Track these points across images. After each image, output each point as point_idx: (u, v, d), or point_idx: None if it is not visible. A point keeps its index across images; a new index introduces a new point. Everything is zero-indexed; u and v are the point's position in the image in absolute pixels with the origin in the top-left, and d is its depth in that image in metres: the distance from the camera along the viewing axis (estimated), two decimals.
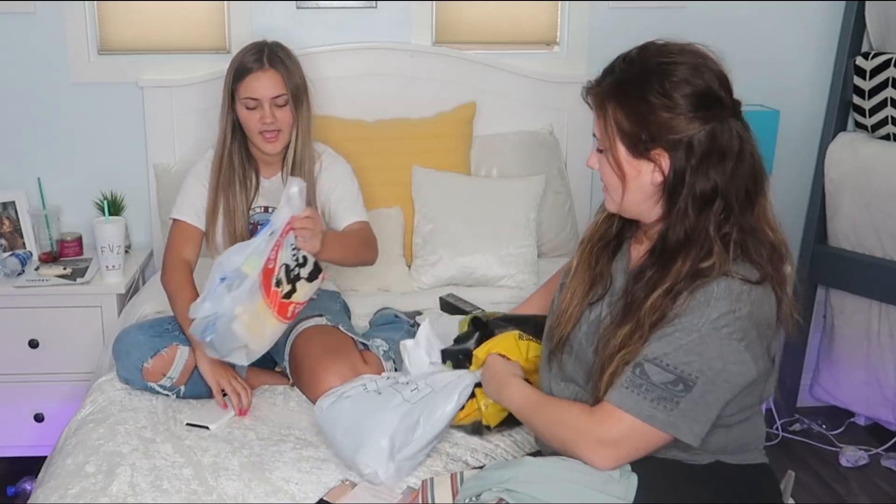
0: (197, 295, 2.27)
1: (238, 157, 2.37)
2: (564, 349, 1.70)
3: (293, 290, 1.99)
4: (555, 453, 1.64)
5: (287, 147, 2.36)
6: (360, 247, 2.33)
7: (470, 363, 1.92)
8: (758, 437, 1.67)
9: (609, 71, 1.58)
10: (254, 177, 2.40)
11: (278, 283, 1.96)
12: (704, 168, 1.51)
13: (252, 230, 2.37)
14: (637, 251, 1.68)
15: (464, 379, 1.88)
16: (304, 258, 2.01)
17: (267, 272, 1.93)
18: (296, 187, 1.97)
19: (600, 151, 1.60)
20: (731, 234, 1.52)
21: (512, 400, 1.75)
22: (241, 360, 2.03)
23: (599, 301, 1.67)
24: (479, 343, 1.94)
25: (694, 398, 1.48)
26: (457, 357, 1.96)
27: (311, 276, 2.04)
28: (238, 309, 1.93)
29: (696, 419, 1.49)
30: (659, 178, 1.54)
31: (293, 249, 1.99)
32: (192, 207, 2.38)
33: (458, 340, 2.00)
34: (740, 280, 1.50)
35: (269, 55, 2.31)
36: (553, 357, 1.73)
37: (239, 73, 2.31)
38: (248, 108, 2.30)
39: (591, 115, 1.61)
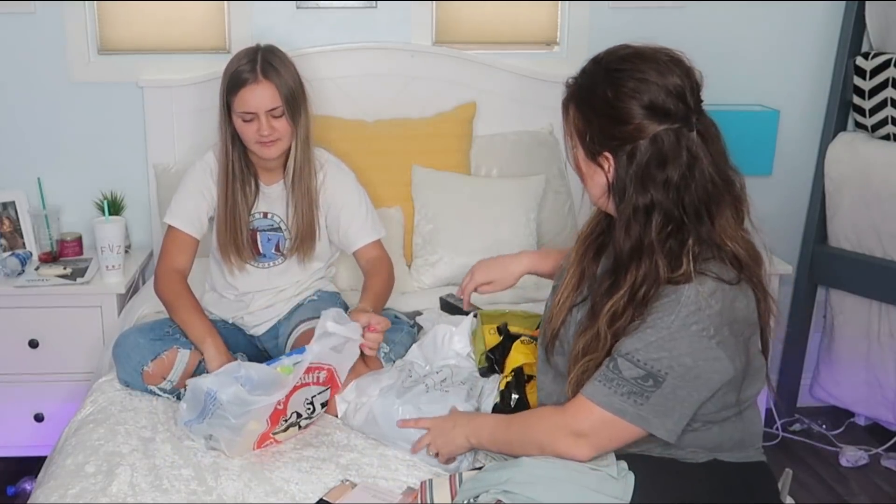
0: (195, 300, 2.27)
1: (238, 164, 2.32)
2: (556, 348, 1.72)
3: (283, 431, 1.96)
4: None
5: (286, 153, 2.32)
6: (389, 287, 2.36)
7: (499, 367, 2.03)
8: (754, 434, 1.67)
9: (578, 74, 1.63)
10: (253, 183, 2.35)
11: (281, 425, 1.93)
12: (643, 181, 1.51)
13: (252, 236, 2.36)
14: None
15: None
16: (313, 409, 1.99)
17: (276, 412, 1.90)
18: (331, 322, 1.96)
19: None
20: (687, 245, 1.51)
21: (482, 431, 1.77)
22: (203, 443, 1.95)
23: (584, 301, 1.68)
24: (504, 350, 2.03)
25: (664, 393, 1.50)
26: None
27: (307, 421, 2.01)
28: (251, 424, 1.88)
29: (667, 414, 1.52)
30: (605, 181, 1.59)
31: (308, 403, 1.96)
32: (187, 214, 2.33)
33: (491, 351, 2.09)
34: (713, 278, 1.51)
35: (262, 65, 2.22)
36: (548, 355, 1.75)
37: (233, 85, 2.24)
38: (244, 121, 2.24)
39: None
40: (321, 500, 1.75)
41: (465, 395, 1.97)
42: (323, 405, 2.01)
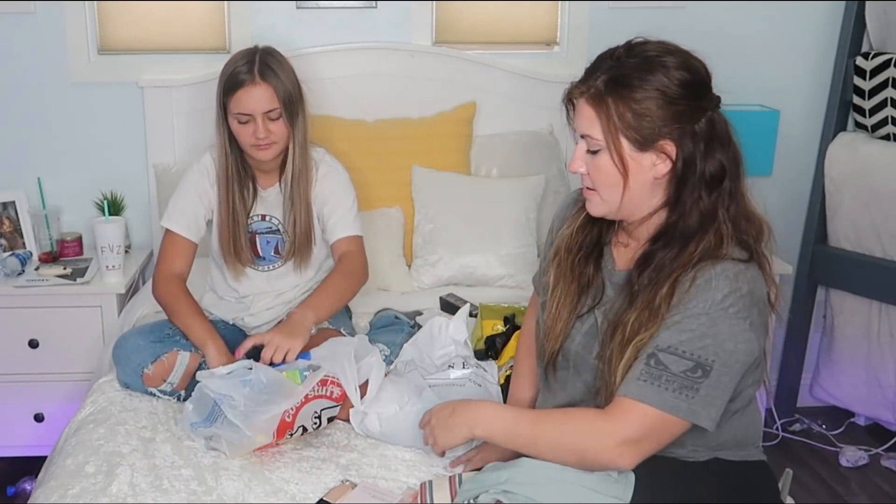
0: (195, 303, 2.27)
1: (236, 166, 2.30)
2: (559, 365, 1.69)
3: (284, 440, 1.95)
4: None
5: (282, 155, 2.30)
6: (343, 288, 2.28)
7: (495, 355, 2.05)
8: (755, 432, 1.67)
9: (597, 69, 1.57)
10: (251, 185, 2.34)
11: (286, 439, 1.92)
12: (711, 151, 1.55)
13: (251, 239, 2.36)
14: (621, 254, 1.67)
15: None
16: (319, 423, 1.97)
17: (283, 424, 1.88)
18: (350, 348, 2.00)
19: (593, 152, 1.58)
20: (732, 214, 1.56)
21: (495, 421, 1.64)
22: (203, 443, 1.95)
23: (590, 312, 1.65)
24: (506, 339, 1.99)
25: (712, 383, 1.48)
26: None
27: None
28: (256, 435, 1.87)
29: (713, 404, 1.50)
30: (663, 169, 1.55)
31: (315, 416, 1.94)
32: (184, 218, 2.32)
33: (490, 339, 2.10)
34: (733, 261, 1.52)
35: (260, 67, 2.20)
36: (548, 374, 1.72)
37: (229, 86, 2.21)
38: (240, 123, 2.22)
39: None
40: (321, 500, 1.74)
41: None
42: (330, 420, 1.99)
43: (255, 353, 2.13)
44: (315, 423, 1.95)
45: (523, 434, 1.61)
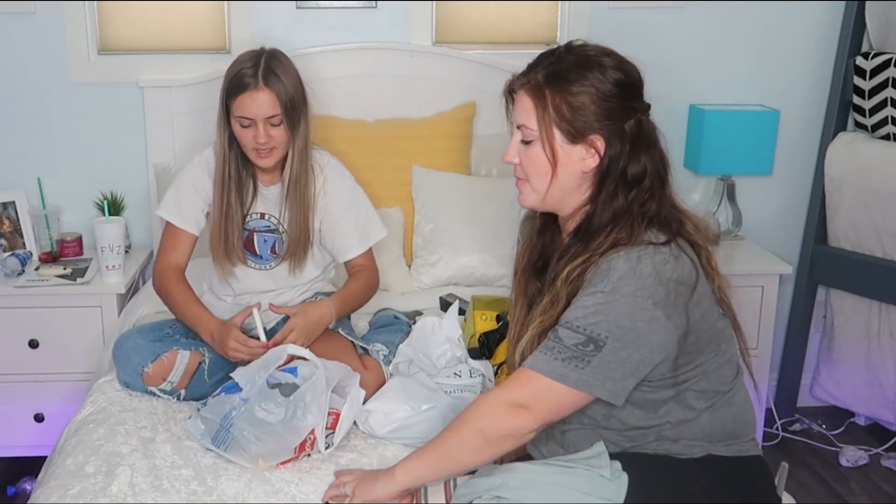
0: (192, 292, 2.27)
1: (236, 165, 2.30)
2: None
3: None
4: (545, 458, 1.66)
5: (284, 159, 2.30)
6: (362, 291, 2.38)
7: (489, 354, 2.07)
8: (746, 422, 1.68)
9: (538, 64, 1.67)
10: (251, 183, 2.34)
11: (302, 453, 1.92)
12: (636, 153, 1.62)
13: (248, 237, 2.36)
14: None
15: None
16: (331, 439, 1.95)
17: (301, 445, 1.89)
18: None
19: (526, 143, 1.65)
20: (650, 212, 1.61)
21: (410, 462, 1.65)
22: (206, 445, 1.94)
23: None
24: (499, 338, 2.05)
25: (605, 356, 1.53)
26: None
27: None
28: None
29: (608, 376, 1.53)
30: (592, 163, 1.62)
31: (328, 436, 1.93)
32: (183, 210, 2.32)
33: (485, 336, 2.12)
34: (642, 244, 1.56)
35: (264, 71, 2.19)
36: None
37: (233, 88, 2.21)
38: (242, 126, 2.22)
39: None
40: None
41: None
42: (327, 447, 1.94)
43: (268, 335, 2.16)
44: (326, 443, 1.95)
45: (434, 455, 1.63)
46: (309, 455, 1.92)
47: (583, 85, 1.60)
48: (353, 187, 2.41)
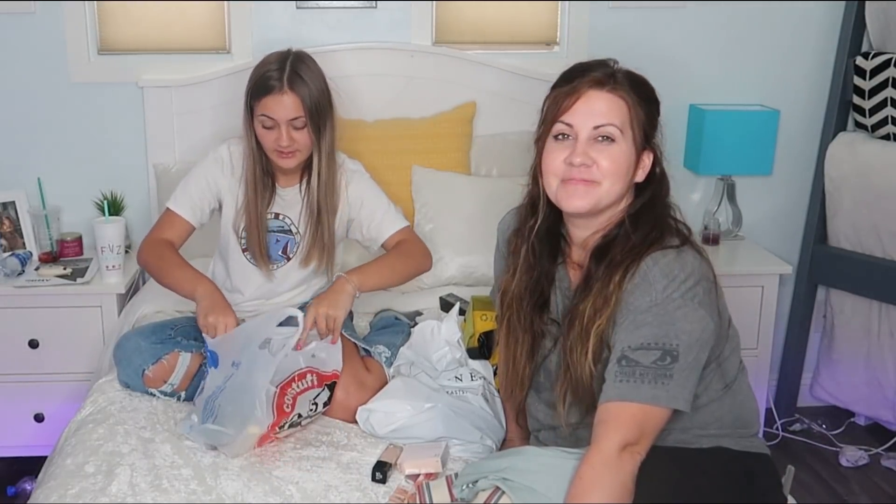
0: (182, 258, 2.26)
1: (260, 166, 2.29)
2: (528, 404, 1.80)
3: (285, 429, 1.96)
4: (556, 444, 1.67)
5: (305, 161, 2.29)
6: (400, 266, 2.31)
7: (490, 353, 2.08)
8: (751, 410, 1.71)
9: (601, 67, 1.67)
10: (270, 183, 2.33)
11: (282, 426, 1.94)
12: (663, 165, 1.72)
13: None
14: (577, 274, 1.72)
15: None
16: (316, 408, 1.99)
17: (281, 413, 1.90)
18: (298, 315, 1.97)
19: (607, 140, 1.63)
20: (666, 213, 1.69)
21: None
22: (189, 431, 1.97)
23: (549, 355, 1.73)
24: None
25: (681, 365, 1.53)
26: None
27: (308, 420, 2.01)
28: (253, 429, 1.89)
29: (685, 385, 1.54)
30: (642, 174, 1.68)
31: (312, 403, 1.96)
32: (191, 203, 2.32)
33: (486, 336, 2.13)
34: (663, 249, 1.59)
35: (290, 75, 2.18)
36: (520, 414, 1.84)
37: (258, 89, 2.21)
38: (264, 127, 2.21)
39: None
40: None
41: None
42: (325, 404, 2.00)
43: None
44: (312, 408, 1.98)
45: None
46: (300, 417, 1.95)
47: (652, 98, 1.68)
48: (370, 178, 2.43)
